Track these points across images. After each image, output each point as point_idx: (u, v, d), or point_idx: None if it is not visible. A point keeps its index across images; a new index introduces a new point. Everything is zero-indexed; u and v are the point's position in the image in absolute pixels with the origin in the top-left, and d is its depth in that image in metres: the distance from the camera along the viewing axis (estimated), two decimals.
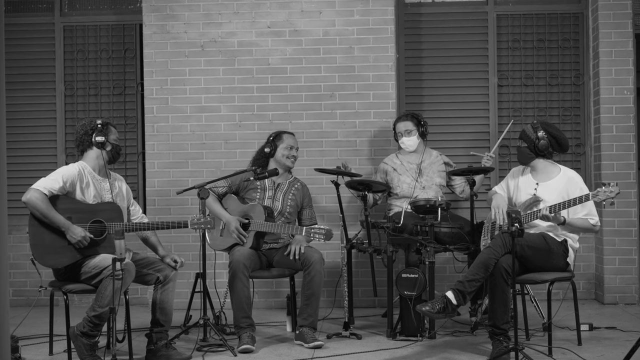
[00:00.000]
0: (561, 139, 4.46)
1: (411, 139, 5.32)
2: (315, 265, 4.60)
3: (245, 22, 6.05)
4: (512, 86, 6.32)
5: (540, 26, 6.32)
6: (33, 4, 6.55)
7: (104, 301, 3.97)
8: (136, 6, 6.44)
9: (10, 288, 6.10)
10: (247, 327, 4.49)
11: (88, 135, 4.30)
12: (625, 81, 5.91)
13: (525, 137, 4.49)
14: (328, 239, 4.56)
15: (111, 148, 4.34)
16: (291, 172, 5.08)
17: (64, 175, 4.16)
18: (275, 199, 4.88)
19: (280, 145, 4.96)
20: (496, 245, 4.17)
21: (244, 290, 4.49)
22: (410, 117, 5.35)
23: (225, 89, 6.05)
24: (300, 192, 5.00)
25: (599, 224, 4.38)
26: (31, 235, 4.11)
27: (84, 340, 4.00)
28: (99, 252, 4.13)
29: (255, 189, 4.89)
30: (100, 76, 6.49)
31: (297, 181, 5.05)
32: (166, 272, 4.26)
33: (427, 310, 4.17)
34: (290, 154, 4.96)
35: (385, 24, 5.99)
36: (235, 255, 4.56)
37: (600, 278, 5.97)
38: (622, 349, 4.01)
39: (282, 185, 4.94)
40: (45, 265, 4.14)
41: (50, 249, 4.09)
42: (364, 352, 4.37)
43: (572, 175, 4.48)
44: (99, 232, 4.15)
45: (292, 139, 5.03)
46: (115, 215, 4.19)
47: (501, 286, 4.10)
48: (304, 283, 4.64)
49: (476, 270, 4.18)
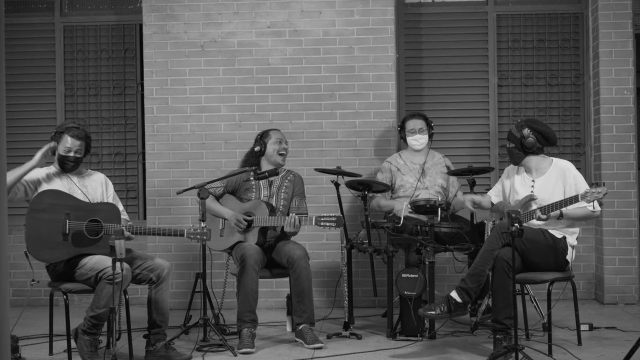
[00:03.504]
0: (547, 133, 4.43)
1: (423, 137, 5.34)
2: (299, 262, 4.59)
3: (245, 22, 6.05)
4: (512, 86, 6.32)
5: (540, 26, 6.32)
6: (33, 4, 6.55)
7: (101, 302, 3.97)
8: (136, 6, 6.44)
9: (10, 288, 6.10)
10: (249, 322, 4.48)
11: (51, 137, 4.30)
12: (625, 81, 5.91)
13: (511, 138, 4.47)
14: (339, 227, 4.53)
15: (58, 158, 4.27)
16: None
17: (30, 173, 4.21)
18: (271, 194, 4.89)
19: (269, 141, 4.94)
20: (492, 238, 4.19)
21: (252, 285, 4.49)
22: (421, 116, 5.37)
23: (225, 89, 6.05)
24: (292, 182, 4.98)
25: (599, 208, 4.23)
26: (27, 227, 4.07)
27: (85, 337, 4.01)
28: (93, 253, 4.11)
29: (251, 189, 4.88)
30: (100, 76, 6.49)
31: (289, 173, 5.03)
32: (159, 272, 4.24)
33: (432, 314, 4.17)
34: (281, 147, 4.92)
35: (385, 24, 5.99)
36: (247, 250, 4.55)
37: (600, 278, 5.97)
38: (622, 349, 4.01)
39: (275, 180, 4.94)
40: (38, 259, 4.11)
41: (45, 243, 4.07)
42: (364, 352, 4.37)
43: (564, 165, 4.44)
44: (95, 232, 4.14)
45: (279, 133, 5.02)
46: (113, 216, 4.19)
47: (502, 279, 4.10)
48: (292, 281, 4.64)
49: (475, 265, 4.20)
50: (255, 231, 4.69)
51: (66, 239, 4.09)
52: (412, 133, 5.35)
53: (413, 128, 5.35)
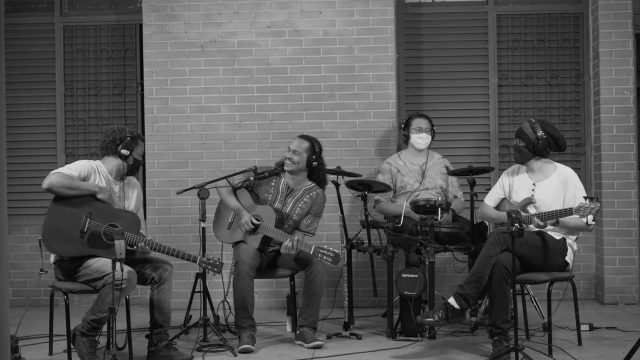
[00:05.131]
0: (559, 139, 4.45)
1: (428, 137, 5.35)
2: (317, 265, 4.59)
3: (245, 22, 6.05)
4: (512, 86, 6.32)
5: (540, 26, 6.32)
6: (33, 4, 6.55)
7: (103, 307, 3.97)
8: (136, 6, 6.44)
9: (10, 288, 6.10)
10: (248, 327, 4.48)
11: (115, 144, 4.32)
12: (625, 81, 5.91)
13: (522, 136, 4.44)
14: (335, 264, 4.48)
15: (133, 162, 4.36)
16: (311, 179, 4.86)
17: (78, 167, 4.22)
18: (285, 204, 4.79)
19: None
20: (490, 244, 4.17)
21: (247, 290, 4.48)
22: (427, 117, 5.39)
23: (225, 89, 6.05)
24: (312, 200, 4.81)
25: (592, 222, 4.20)
26: (48, 215, 4.12)
27: (83, 339, 4.01)
28: (102, 256, 4.11)
29: (269, 190, 4.80)
30: (100, 76, 6.48)
31: (314, 189, 4.84)
32: (161, 272, 4.25)
33: (430, 321, 4.17)
34: (289, 154, 4.79)
35: (385, 24, 5.99)
36: (241, 255, 4.54)
37: (600, 278, 5.97)
38: (622, 349, 4.01)
39: (295, 191, 4.81)
40: (50, 250, 4.13)
41: (61, 235, 4.09)
42: (364, 352, 4.37)
43: (567, 173, 4.45)
44: (112, 237, 4.13)
45: (295, 141, 4.85)
46: (133, 225, 4.19)
47: (501, 285, 4.09)
48: (305, 283, 4.63)
49: (473, 271, 4.19)
50: (258, 237, 4.66)
51: (82, 237, 4.10)
52: (418, 131, 5.34)
53: (419, 126, 5.34)
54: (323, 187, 4.89)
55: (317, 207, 4.82)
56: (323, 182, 4.90)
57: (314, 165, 4.79)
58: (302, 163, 4.77)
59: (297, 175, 4.81)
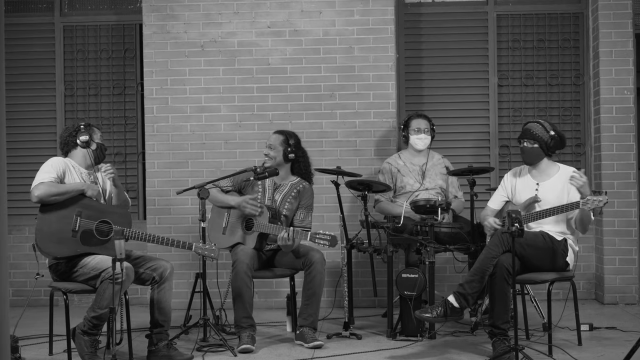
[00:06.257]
0: (564, 138, 4.51)
1: (427, 138, 5.34)
2: (316, 266, 4.59)
3: (245, 22, 6.05)
4: (512, 86, 6.32)
5: (540, 26, 6.32)
6: (33, 4, 6.55)
7: (103, 303, 3.98)
8: (136, 6, 6.44)
9: (10, 288, 6.10)
10: (247, 328, 4.48)
11: (72, 136, 4.35)
12: (625, 81, 5.91)
13: (535, 137, 4.40)
14: (332, 246, 4.46)
15: (96, 147, 4.38)
16: (295, 174, 4.90)
17: (53, 164, 4.21)
18: (274, 200, 4.81)
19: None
20: (493, 244, 4.18)
21: (246, 291, 4.48)
22: (426, 117, 5.38)
23: (225, 89, 6.05)
24: (300, 193, 4.85)
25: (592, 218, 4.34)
26: (39, 219, 4.12)
27: (85, 337, 4.02)
28: (99, 253, 4.13)
29: (257, 190, 4.83)
30: (100, 76, 6.49)
31: (300, 183, 4.87)
32: (161, 271, 4.26)
33: (427, 316, 4.17)
34: (264, 152, 4.83)
35: (385, 24, 5.99)
36: (239, 255, 4.54)
37: (600, 278, 5.97)
38: (622, 349, 4.01)
39: (282, 186, 4.84)
40: (45, 252, 4.14)
41: (54, 236, 4.10)
42: (364, 352, 4.37)
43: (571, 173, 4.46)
44: (105, 234, 4.15)
45: (271, 137, 4.88)
46: (124, 221, 4.20)
47: (501, 286, 4.10)
48: (305, 283, 4.63)
49: (474, 271, 4.19)
50: (254, 235, 4.67)
51: (75, 236, 4.11)
52: (417, 132, 5.34)
53: (418, 127, 5.34)
54: (309, 180, 4.91)
55: (305, 200, 4.83)
56: (308, 174, 4.92)
57: (290, 158, 4.80)
58: (278, 157, 4.79)
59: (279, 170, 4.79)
